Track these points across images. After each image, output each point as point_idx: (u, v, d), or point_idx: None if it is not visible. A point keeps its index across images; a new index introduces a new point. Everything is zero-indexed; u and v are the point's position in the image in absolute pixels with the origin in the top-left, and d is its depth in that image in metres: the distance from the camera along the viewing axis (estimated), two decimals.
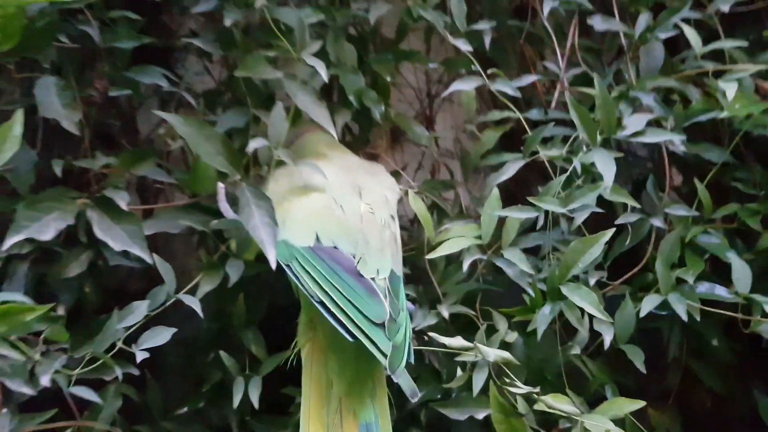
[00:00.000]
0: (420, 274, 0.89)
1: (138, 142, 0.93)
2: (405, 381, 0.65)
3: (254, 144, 0.75)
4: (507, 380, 0.68)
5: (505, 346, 0.74)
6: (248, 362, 0.82)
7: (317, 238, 0.73)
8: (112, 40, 0.83)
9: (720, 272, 0.80)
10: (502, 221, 0.83)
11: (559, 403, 0.65)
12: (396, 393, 0.80)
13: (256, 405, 0.77)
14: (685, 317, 0.74)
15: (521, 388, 0.66)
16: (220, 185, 0.80)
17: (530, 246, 0.83)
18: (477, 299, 0.84)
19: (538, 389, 0.66)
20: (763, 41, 0.85)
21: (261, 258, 0.82)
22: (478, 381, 0.72)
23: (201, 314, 0.74)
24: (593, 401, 0.72)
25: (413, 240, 0.94)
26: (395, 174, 0.94)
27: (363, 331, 0.66)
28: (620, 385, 0.77)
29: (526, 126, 0.90)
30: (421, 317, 0.81)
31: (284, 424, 0.82)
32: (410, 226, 1.01)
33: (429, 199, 0.94)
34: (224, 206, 0.80)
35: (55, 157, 0.82)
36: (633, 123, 0.79)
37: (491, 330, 0.78)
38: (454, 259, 0.91)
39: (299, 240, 0.73)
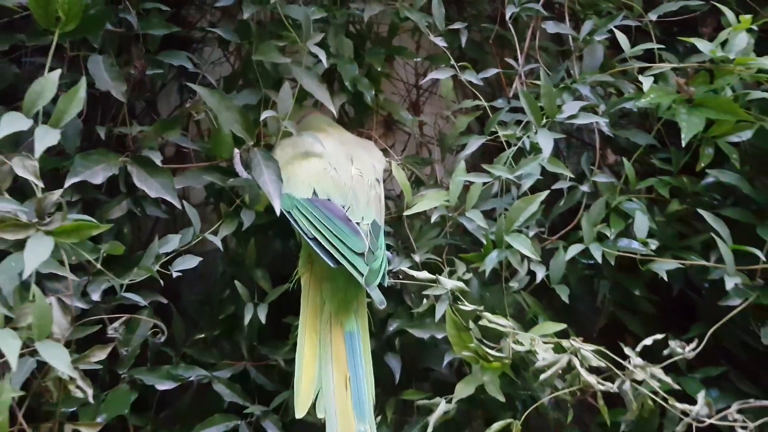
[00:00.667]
0: (400, 233, 1.09)
1: None
2: (376, 294, 0.84)
3: (266, 114, 0.94)
4: (458, 303, 0.88)
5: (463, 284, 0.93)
6: (257, 295, 1.00)
7: (314, 192, 0.92)
8: (147, 27, 1.02)
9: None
10: (469, 190, 1.02)
11: (498, 319, 0.85)
12: (377, 325, 1.01)
13: (263, 320, 0.96)
14: (600, 260, 0.94)
15: (468, 306, 0.86)
16: (236, 150, 0.99)
17: (488, 209, 1.02)
18: (444, 251, 1.04)
19: (481, 307, 0.86)
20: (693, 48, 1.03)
21: (269, 210, 1.02)
22: (440, 309, 0.91)
23: (222, 248, 0.93)
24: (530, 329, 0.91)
25: (398, 209, 1.12)
26: (384, 151, 1.13)
27: (346, 258, 0.85)
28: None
29: (490, 113, 1.09)
30: (398, 262, 1.01)
31: (284, 345, 1.01)
32: (396, 199, 1.20)
33: (410, 171, 1.14)
34: (239, 168, 0.99)
35: (96, 126, 1.00)
36: (569, 108, 0.98)
37: (453, 273, 0.98)
38: (428, 222, 1.12)
39: (300, 193, 0.92)
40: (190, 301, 1.10)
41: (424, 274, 0.91)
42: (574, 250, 0.96)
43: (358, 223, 0.90)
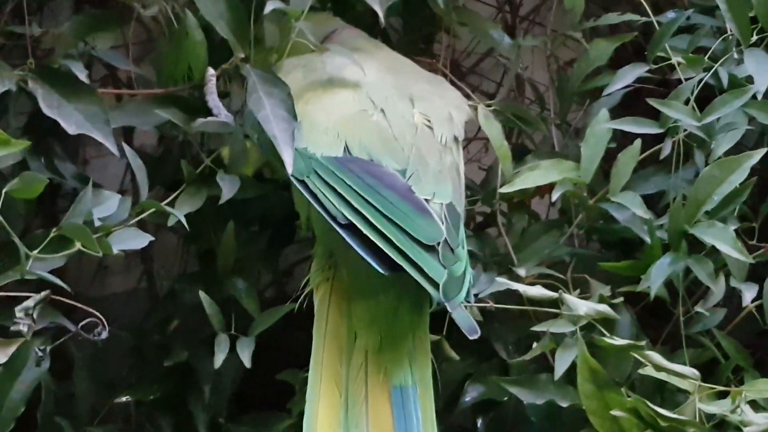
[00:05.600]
0: (488, 237, 1.13)
1: None
2: (462, 316, 0.86)
3: (272, 5, 0.98)
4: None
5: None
6: (235, 323, 1.03)
7: (346, 149, 0.95)
8: None
9: None
10: (607, 170, 1.05)
11: (674, 366, 0.85)
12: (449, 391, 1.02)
13: (248, 364, 1.00)
14: None
15: (617, 340, 0.87)
16: (211, 71, 1.03)
17: (650, 192, 1.05)
18: (569, 267, 1.07)
19: (644, 343, 0.87)
20: None
21: (261, 176, 1.06)
22: (565, 357, 0.92)
23: (187, 226, 0.97)
24: None
25: (486, 194, 1.15)
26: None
27: (407, 258, 0.86)
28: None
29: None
30: (486, 281, 1.03)
31: (280, 421, 1.04)
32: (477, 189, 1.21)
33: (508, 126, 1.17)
34: (214, 100, 1.03)
35: None
36: None
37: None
38: (536, 219, 1.15)
39: (320, 148, 0.95)
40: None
41: (537, 291, 0.94)
42: None
43: (427, 200, 0.92)
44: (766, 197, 1.07)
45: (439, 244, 0.88)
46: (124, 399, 1.07)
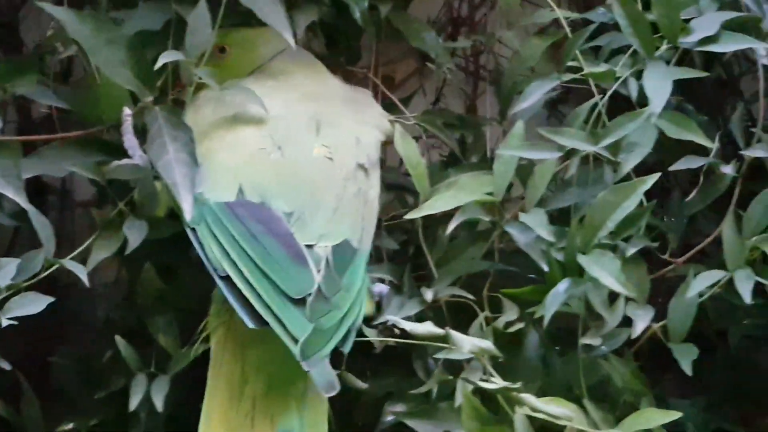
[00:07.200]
0: (416, 250, 1.13)
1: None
2: (320, 372, 0.85)
3: (165, 58, 0.99)
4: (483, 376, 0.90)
5: (509, 340, 0.95)
6: (155, 361, 1.07)
7: (240, 191, 0.96)
8: None
9: None
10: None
11: (548, 405, 0.86)
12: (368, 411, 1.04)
13: (159, 406, 1.03)
14: (749, 298, 0.94)
15: (495, 384, 0.88)
16: (127, 111, 1.04)
17: (568, 204, 1.04)
18: (486, 283, 1.06)
19: (518, 384, 0.88)
20: None
21: (175, 214, 1.08)
22: (462, 387, 0.93)
23: (87, 283, 0.99)
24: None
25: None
26: (390, 107, 1.16)
27: (272, 311, 0.87)
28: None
29: None
30: (398, 304, 1.04)
31: None
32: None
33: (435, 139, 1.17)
34: (130, 140, 1.03)
35: None
36: (703, 25, 0.99)
37: (493, 322, 1.01)
38: (467, 230, 1.14)
39: (215, 193, 0.96)
40: (64, 365, 1.19)
41: (424, 327, 0.94)
42: (707, 279, 0.97)
43: (310, 246, 0.93)
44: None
45: (310, 295, 0.89)
46: (67, 428, 1.12)
